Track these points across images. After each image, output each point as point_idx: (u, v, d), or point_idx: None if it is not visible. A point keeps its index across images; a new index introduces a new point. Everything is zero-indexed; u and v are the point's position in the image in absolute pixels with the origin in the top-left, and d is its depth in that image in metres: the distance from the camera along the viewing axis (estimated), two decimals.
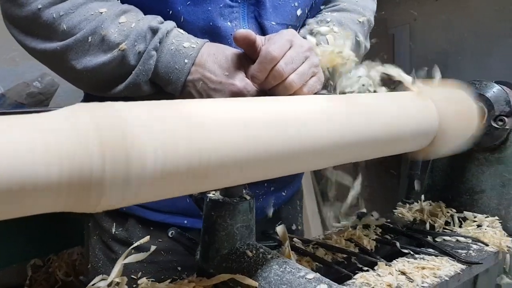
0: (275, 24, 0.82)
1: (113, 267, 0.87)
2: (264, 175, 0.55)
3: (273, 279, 0.56)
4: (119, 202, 0.41)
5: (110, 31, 0.69)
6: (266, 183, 0.94)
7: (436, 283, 0.70)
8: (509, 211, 0.90)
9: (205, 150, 0.44)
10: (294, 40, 0.68)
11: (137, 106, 0.42)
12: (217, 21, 0.77)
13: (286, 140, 0.52)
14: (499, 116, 0.87)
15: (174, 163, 0.42)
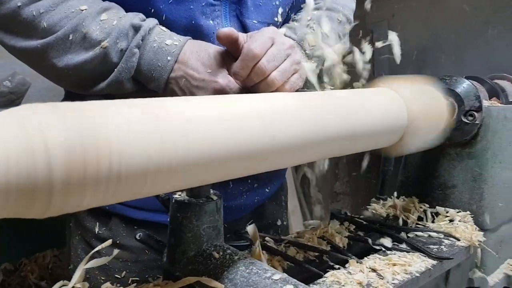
0: (256, 23, 0.83)
1: (97, 268, 0.87)
2: (230, 174, 0.54)
3: (239, 280, 0.55)
4: (70, 207, 0.39)
5: (91, 28, 0.68)
6: (249, 180, 0.94)
7: (407, 280, 0.70)
8: (481, 205, 0.90)
9: (166, 151, 0.43)
10: (275, 37, 0.69)
11: (88, 105, 0.40)
12: (199, 19, 0.77)
13: (252, 138, 0.51)
14: (469, 111, 0.87)
15: (130, 165, 0.41)
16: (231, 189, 0.91)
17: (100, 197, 0.41)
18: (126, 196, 0.43)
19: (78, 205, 0.39)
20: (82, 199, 0.39)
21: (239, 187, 0.93)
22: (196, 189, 0.61)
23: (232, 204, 0.92)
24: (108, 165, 0.39)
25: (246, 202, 0.95)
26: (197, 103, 0.48)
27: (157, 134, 0.43)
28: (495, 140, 0.89)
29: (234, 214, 0.94)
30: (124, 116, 0.42)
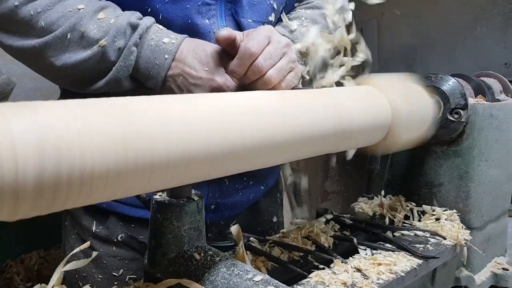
0: (251, 22, 0.84)
1: (94, 266, 0.87)
2: (208, 174, 0.53)
3: (220, 282, 0.54)
4: (40, 210, 0.38)
5: (89, 27, 0.69)
6: (245, 177, 0.94)
7: (392, 279, 0.69)
8: (467, 203, 0.90)
9: (138, 150, 0.42)
10: (272, 36, 0.69)
11: (52, 105, 0.39)
12: (195, 18, 0.78)
13: (228, 137, 0.50)
14: (455, 109, 0.87)
15: (100, 167, 0.40)
16: (227, 187, 0.92)
17: (75, 198, 0.40)
18: (100, 197, 0.42)
19: (48, 208, 0.38)
20: (53, 202, 0.38)
21: (234, 184, 0.93)
22: (177, 190, 0.60)
23: (228, 202, 0.93)
24: (82, 167, 0.38)
25: (242, 199, 0.95)
26: (171, 102, 0.47)
27: (131, 134, 0.42)
28: (481, 138, 0.89)
29: (230, 211, 0.95)
30: (99, 117, 0.41)
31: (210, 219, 0.90)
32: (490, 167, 0.91)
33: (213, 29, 0.79)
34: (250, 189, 0.97)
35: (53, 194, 0.37)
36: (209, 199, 0.90)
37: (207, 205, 0.89)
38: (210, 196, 0.90)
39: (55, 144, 0.36)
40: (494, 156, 0.91)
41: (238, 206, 0.96)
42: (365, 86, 0.75)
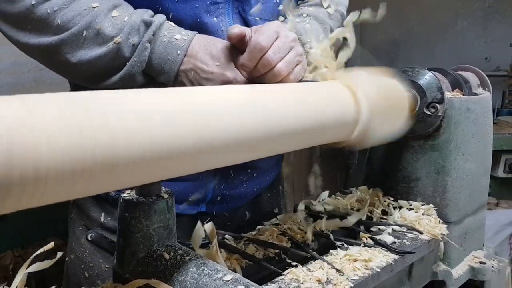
0: (258, 20, 0.87)
1: (101, 256, 0.88)
2: (177, 172, 0.51)
3: (189, 282, 0.53)
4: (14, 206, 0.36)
5: (104, 25, 0.72)
6: (249, 169, 0.96)
7: (368, 275, 0.68)
8: (444, 198, 0.90)
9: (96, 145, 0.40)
10: (280, 31, 0.72)
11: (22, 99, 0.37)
12: (204, 17, 0.81)
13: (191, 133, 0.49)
14: (432, 103, 0.86)
15: (60, 164, 0.38)
16: (232, 178, 0.93)
17: (28, 199, 0.38)
18: (57, 197, 0.40)
19: (16, 206, 0.36)
20: (4, 201, 0.36)
21: (239, 176, 0.95)
22: (146, 187, 0.59)
23: (233, 193, 0.95)
24: (37, 164, 0.36)
25: (246, 190, 0.97)
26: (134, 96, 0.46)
27: (90, 130, 0.40)
28: (458, 132, 0.89)
29: (234, 203, 0.97)
30: (56, 112, 0.39)
31: (216, 210, 0.94)
32: (467, 161, 0.91)
33: (221, 27, 0.82)
34: (254, 181, 0.98)
35: (6, 193, 0.35)
36: (216, 190, 0.92)
37: (213, 196, 0.92)
38: (217, 188, 0.92)
39: (7, 138, 0.34)
40: (471, 150, 0.91)
41: (243, 198, 0.98)
42: (333, 81, 0.74)
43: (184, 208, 0.90)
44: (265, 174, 1.02)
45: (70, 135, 0.38)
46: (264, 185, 1.04)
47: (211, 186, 0.91)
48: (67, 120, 0.39)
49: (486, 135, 0.96)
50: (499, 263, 0.98)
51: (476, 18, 3.25)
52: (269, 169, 1.04)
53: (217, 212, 0.94)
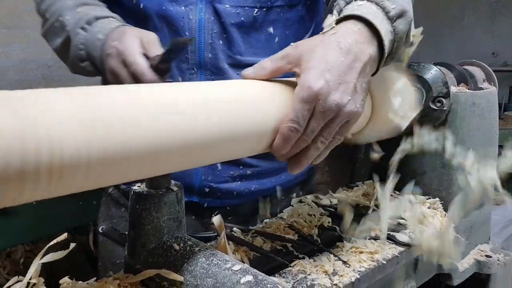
0: (228, 7, 0.87)
1: None
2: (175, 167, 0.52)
3: (199, 272, 0.54)
4: (5, 202, 0.38)
5: (66, 17, 0.82)
6: (241, 166, 0.96)
7: (374, 267, 0.69)
8: (450, 192, 0.91)
9: (108, 140, 0.41)
10: (317, 99, 0.58)
11: (22, 94, 0.38)
12: (168, 5, 0.86)
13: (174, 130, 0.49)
14: (437, 97, 0.87)
15: (70, 157, 0.39)
16: (220, 172, 0.95)
17: (41, 190, 0.39)
18: (70, 189, 0.41)
19: (14, 200, 0.38)
20: (20, 193, 0.38)
21: (229, 171, 0.95)
22: (156, 180, 0.60)
23: (222, 188, 0.95)
24: (51, 156, 0.38)
25: (240, 188, 0.97)
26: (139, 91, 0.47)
27: (96, 123, 0.41)
28: (463, 126, 0.89)
29: (230, 199, 0.97)
30: (63, 105, 0.40)
31: (208, 203, 0.96)
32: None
33: (188, 15, 0.86)
34: (251, 180, 0.97)
35: (21, 185, 0.37)
36: (203, 181, 0.93)
37: (201, 187, 0.94)
38: (203, 178, 0.93)
39: (20, 131, 0.36)
40: (476, 144, 0.92)
41: (235, 196, 0.96)
42: None
43: (209, 200, 0.95)
44: (267, 175, 0.99)
45: (83, 129, 0.40)
46: (270, 188, 1.00)
47: (196, 176, 0.93)
48: (80, 114, 0.40)
49: (492, 130, 0.96)
50: (505, 256, 0.99)
51: (483, 13, 3.24)
52: (274, 173, 1.00)
53: (209, 205, 0.95)
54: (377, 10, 0.64)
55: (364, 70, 0.61)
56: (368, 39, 0.62)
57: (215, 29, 0.87)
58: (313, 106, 0.58)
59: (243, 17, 0.87)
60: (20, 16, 2.15)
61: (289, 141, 0.59)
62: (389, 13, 0.64)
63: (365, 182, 1.00)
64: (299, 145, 0.61)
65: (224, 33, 0.88)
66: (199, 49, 0.87)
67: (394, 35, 0.65)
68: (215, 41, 0.87)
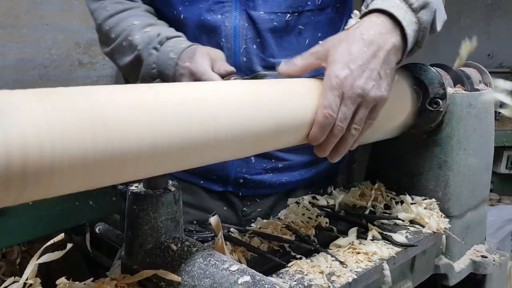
0: (263, 13, 0.91)
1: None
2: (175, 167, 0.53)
3: (196, 272, 0.54)
4: (8, 201, 0.38)
5: (135, 37, 0.88)
6: (273, 160, 1.01)
7: (371, 267, 0.70)
8: (446, 192, 0.91)
9: (106, 140, 0.41)
10: (344, 85, 0.63)
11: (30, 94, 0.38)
12: (206, 15, 0.91)
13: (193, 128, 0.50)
14: (434, 98, 0.87)
15: (73, 156, 0.39)
16: (254, 164, 1.00)
17: (43, 189, 0.39)
18: (70, 188, 0.41)
19: (16, 199, 0.38)
20: (21, 192, 0.38)
21: (262, 164, 1.01)
22: (154, 180, 0.60)
23: (255, 179, 1.01)
24: (52, 156, 0.38)
25: (272, 179, 1.02)
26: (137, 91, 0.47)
27: (102, 123, 0.41)
28: (460, 127, 0.90)
29: (262, 189, 1.03)
30: (70, 105, 0.40)
31: (243, 192, 1.03)
32: (468, 156, 0.91)
33: (225, 23, 0.91)
34: (282, 173, 1.02)
35: (23, 184, 0.37)
36: (237, 173, 1.00)
37: (236, 178, 1.00)
38: (238, 170, 1.00)
39: (20, 131, 0.36)
40: (472, 145, 0.92)
41: (267, 186, 1.02)
42: None
43: (212, 185, 1.03)
44: (297, 168, 1.04)
45: (83, 128, 0.40)
46: (299, 181, 1.05)
47: (232, 168, 0.99)
48: (80, 113, 0.40)
49: (488, 131, 0.97)
50: (501, 257, 0.99)
51: (479, 15, 3.25)
52: (303, 166, 1.05)
53: (243, 194, 1.03)
54: (400, 3, 0.70)
55: (387, 57, 0.66)
56: (391, 30, 0.68)
57: (249, 34, 0.92)
58: (341, 92, 0.63)
59: (276, 22, 0.92)
60: (17, 16, 2.14)
61: (325, 128, 0.64)
62: (412, 5, 0.70)
63: (362, 182, 1.01)
64: (335, 134, 0.65)
65: (258, 38, 0.92)
66: (235, 54, 0.92)
67: (418, 25, 0.71)
68: (249, 45, 0.92)
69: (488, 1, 3.21)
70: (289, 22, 0.93)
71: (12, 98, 0.37)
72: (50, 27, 2.28)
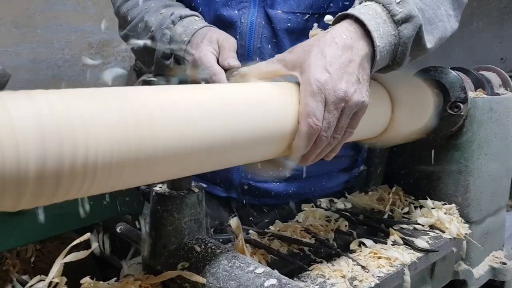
0: (281, 13, 0.88)
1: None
2: (211, 166, 0.52)
3: (221, 274, 0.54)
4: (43, 200, 0.38)
5: (150, 19, 0.86)
6: (281, 168, 0.95)
7: (392, 272, 0.69)
8: (466, 198, 0.90)
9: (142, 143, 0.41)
10: (325, 92, 0.58)
11: (52, 92, 0.38)
12: (222, 10, 0.89)
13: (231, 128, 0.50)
14: (455, 102, 0.87)
15: (106, 158, 0.39)
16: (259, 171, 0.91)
17: (77, 189, 0.39)
18: (103, 187, 0.41)
19: (50, 199, 0.38)
20: (55, 192, 0.37)
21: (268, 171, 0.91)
22: (177, 181, 0.60)
23: (261, 187, 0.95)
24: (85, 155, 0.38)
25: (278, 189, 0.97)
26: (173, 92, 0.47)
27: (135, 124, 0.41)
28: (480, 132, 0.89)
29: (267, 198, 0.97)
30: (100, 105, 0.40)
31: (247, 200, 0.97)
32: (489, 161, 0.91)
33: (241, 19, 0.88)
34: (290, 183, 0.96)
35: (56, 183, 0.37)
36: (242, 178, 0.95)
37: (240, 183, 0.95)
38: (243, 176, 0.94)
39: (57, 130, 0.35)
40: (493, 150, 0.91)
41: (273, 196, 0.96)
42: None
43: (215, 189, 0.98)
44: (306, 180, 0.96)
45: (115, 129, 0.40)
46: (307, 192, 0.98)
47: (236, 172, 0.94)
48: (113, 114, 0.40)
49: (508, 135, 0.96)
50: None
51: (491, 18, 3.23)
52: (314, 177, 0.97)
53: (247, 202, 0.97)
54: (381, 11, 0.64)
55: (362, 63, 0.61)
56: (362, 38, 0.62)
57: (265, 33, 0.89)
58: (323, 97, 0.58)
59: (294, 23, 0.88)
60: (30, 16, 2.16)
61: (310, 138, 0.59)
62: (394, 16, 0.64)
63: (379, 186, 1.00)
64: (319, 144, 0.60)
65: (274, 38, 0.89)
66: (248, 53, 0.89)
67: (398, 39, 0.64)
68: (264, 45, 0.89)
69: (501, 5, 3.19)
70: (308, 24, 0.88)
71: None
72: (63, 27, 2.30)
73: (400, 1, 0.64)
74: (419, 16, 0.65)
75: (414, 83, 0.81)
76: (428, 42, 0.68)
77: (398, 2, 0.64)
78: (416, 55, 0.69)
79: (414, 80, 0.81)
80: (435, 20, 0.69)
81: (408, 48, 0.65)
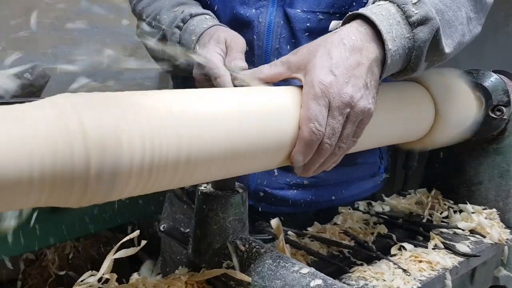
0: (300, 12, 0.83)
1: None
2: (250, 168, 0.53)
3: (266, 273, 0.55)
4: (105, 197, 0.39)
5: (163, 17, 0.83)
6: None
7: (434, 276, 0.69)
8: (507, 202, 0.89)
9: (193, 144, 0.43)
10: (330, 93, 0.55)
11: (125, 97, 0.40)
12: (239, 9, 0.85)
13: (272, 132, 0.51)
14: (497, 106, 0.85)
15: (161, 158, 0.40)
16: (276, 177, 0.90)
17: (140, 185, 0.41)
18: (160, 186, 0.43)
19: (118, 195, 0.39)
20: (122, 188, 0.39)
21: (285, 178, 0.90)
22: (221, 182, 0.61)
23: (277, 194, 0.90)
24: (144, 153, 0.39)
25: (296, 197, 0.91)
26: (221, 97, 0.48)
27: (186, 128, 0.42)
28: None
29: (283, 207, 0.91)
30: (159, 104, 0.42)
31: (262, 208, 0.91)
32: None
33: (259, 18, 0.84)
34: (308, 190, 0.91)
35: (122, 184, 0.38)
36: (258, 185, 0.90)
37: (256, 190, 0.90)
38: (259, 182, 0.89)
39: (117, 135, 0.37)
40: None
41: (290, 204, 0.91)
42: (409, 82, 0.74)
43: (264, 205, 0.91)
44: (325, 188, 0.92)
45: (168, 132, 0.41)
46: (329, 201, 0.93)
47: (252, 178, 0.90)
48: (164, 120, 0.41)
49: None
50: None
51: None
52: (336, 186, 0.93)
53: (263, 209, 0.91)
54: (395, 12, 0.60)
55: (371, 68, 0.57)
56: (373, 39, 0.58)
57: (284, 33, 0.85)
58: (327, 101, 0.54)
59: (314, 23, 0.84)
60: (68, 19, 2.22)
61: (312, 146, 0.55)
62: (410, 17, 0.60)
63: (417, 190, 0.99)
64: (322, 153, 0.56)
65: (293, 39, 0.85)
66: (266, 54, 0.85)
67: (413, 42, 0.60)
68: (282, 46, 0.85)
69: None
70: (328, 24, 0.77)
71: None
72: (98, 30, 2.35)
73: (417, 2, 0.60)
74: (437, 19, 0.60)
75: (457, 86, 0.80)
76: (446, 46, 0.63)
77: (414, 3, 0.60)
78: (433, 60, 0.64)
79: (456, 82, 0.80)
80: (455, 23, 0.65)
81: (424, 53, 0.61)
